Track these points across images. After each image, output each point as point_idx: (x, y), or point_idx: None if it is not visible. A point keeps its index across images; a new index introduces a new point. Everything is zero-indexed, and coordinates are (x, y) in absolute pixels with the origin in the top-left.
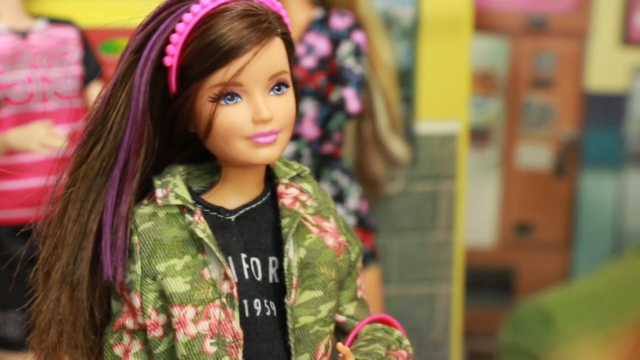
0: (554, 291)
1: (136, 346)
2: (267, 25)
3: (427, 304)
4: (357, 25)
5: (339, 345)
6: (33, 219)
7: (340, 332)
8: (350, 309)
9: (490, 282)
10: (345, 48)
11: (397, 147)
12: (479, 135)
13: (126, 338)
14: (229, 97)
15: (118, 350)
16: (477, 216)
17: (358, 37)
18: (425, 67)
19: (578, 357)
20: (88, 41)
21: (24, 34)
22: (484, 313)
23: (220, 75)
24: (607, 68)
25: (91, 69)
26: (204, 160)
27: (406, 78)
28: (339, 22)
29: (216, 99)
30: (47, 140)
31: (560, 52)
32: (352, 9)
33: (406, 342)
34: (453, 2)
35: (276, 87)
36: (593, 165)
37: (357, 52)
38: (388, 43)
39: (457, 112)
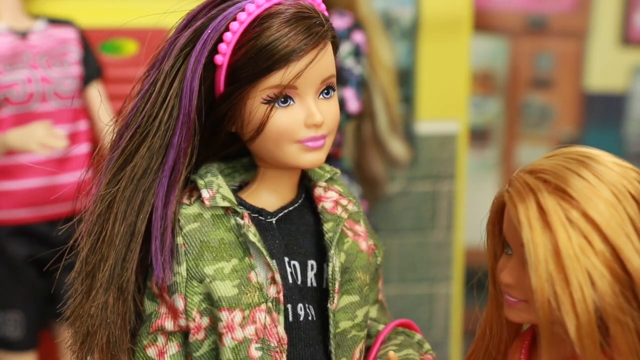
0: None
1: (173, 348)
2: (322, 29)
3: (426, 304)
4: (357, 25)
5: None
6: (38, 218)
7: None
8: (373, 311)
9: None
10: (344, 48)
11: (397, 147)
12: (478, 136)
13: (161, 339)
14: (282, 99)
15: (151, 352)
16: (476, 216)
17: (358, 37)
18: (425, 67)
19: None
20: (88, 41)
21: (23, 34)
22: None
23: (278, 78)
24: (606, 68)
25: (91, 69)
26: (230, 158)
27: (406, 78)
28: (338, 22)
29: (270, 101)
30: (46, 140)
31: (560, 52)
32: (351, 9)
33: (427, 346)
34: (453, 2)
35: (325, 91)
36: None
37: (357, 53)
38: (388, 43)
39: (456, 112)
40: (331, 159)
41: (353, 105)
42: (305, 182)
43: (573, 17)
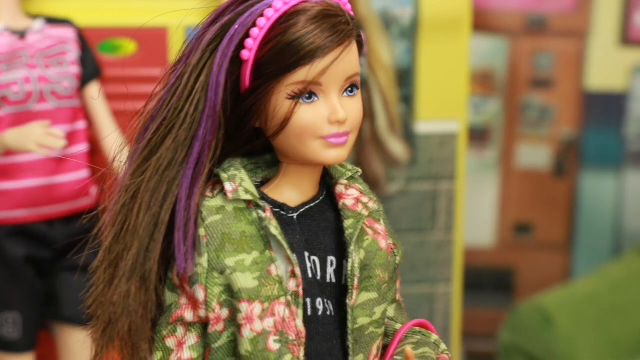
0: (553, 291)
1: (192, 339)
2: (348, 27)
3: (426, 304)
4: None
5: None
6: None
7: None
8: (390, 310)
9: (489, 282)
10: None
11: (396, 147)
12: (478, 135)
13: (180, 330)
14: (307, 96)
15: (170, 342)
16: (476, 216)
17: None
18: (425, 67)
19: (578, 357)
20: (86, 41)
21: (21, 34)
22: (483, 313)
23: (303, 74)
24: (606, 68)
25: (89, 68)
26: (254, 154)
27: (405, 78)
28: None
29: (295, 97)
30: (44, 140)
31: (560, 52)
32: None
33: (443, 346)
34: (452, 1)
35: (349, 89)
36: (593, 165)
37: None
38: (387, 43)
39: (456, 112)
40: None
41: None
42: (327, 179)
43: (573, 17)
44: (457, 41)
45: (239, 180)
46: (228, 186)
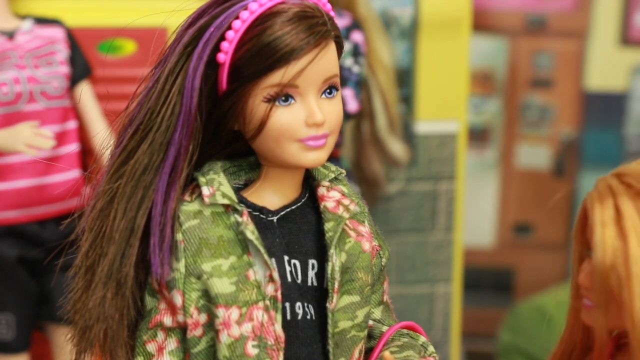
0: (553, 291)
1: (172, 344)
2: (324, 28)
3: (426, 304)
4: (356, 25)
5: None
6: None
7: (367, 336)
8: (377, 312)
9: (489, 282)
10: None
11: (396, 147)
12: (478, 136)
13: (160, 335)
14: (283, 98)
15: (151, 347)
16: (476, 216)
17: (357, 37)
18: (424, 67)
19: None
20: (75, 40)
21: (10, 35)
22: (483, 313)
23: (278, 76)
24: (606, 68)
25: (79, 68)
26: (237, 156)
27: (405, 78)
28: (337, 21)
29: (271, 100)
30: (33, 140)
31: (560, 52)
32: (350, 9)
33: (431, 348)
34: (452, 1)
35: (328, 90)
36: (592, 165)
37: (356, 52)
38: (387, 43)
39: (456, 112)
40: (330, 158)
41: (352, 105)
42: (310, 181)
43: (573, 17)
44: (457, 41)
45: (216, 184)
46: (205, 190)
